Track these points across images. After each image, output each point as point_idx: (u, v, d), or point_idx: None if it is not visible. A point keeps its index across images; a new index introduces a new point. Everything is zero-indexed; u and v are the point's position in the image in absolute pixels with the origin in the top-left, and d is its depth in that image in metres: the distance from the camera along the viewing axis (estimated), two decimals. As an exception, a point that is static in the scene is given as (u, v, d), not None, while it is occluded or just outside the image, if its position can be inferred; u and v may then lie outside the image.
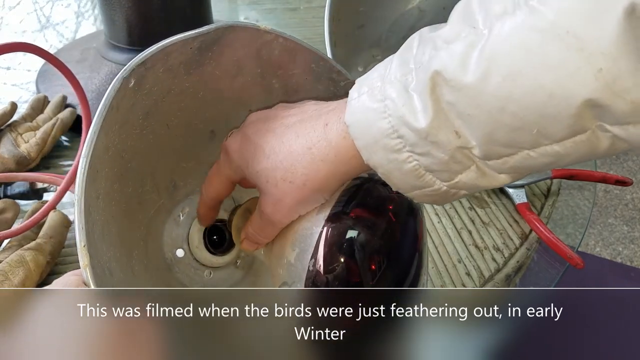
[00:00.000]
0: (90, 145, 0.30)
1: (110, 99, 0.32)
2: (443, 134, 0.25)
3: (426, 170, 0.27)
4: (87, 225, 0.29)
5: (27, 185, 0.55)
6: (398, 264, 0.32)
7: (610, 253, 1.61)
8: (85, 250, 0.28)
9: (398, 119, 0.26)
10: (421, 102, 0.25)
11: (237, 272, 0.44)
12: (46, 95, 0.67)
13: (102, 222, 0.32)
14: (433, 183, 0.27)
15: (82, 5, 1.04)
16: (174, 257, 0.41)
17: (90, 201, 0.30)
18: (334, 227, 0.31)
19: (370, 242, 0.31)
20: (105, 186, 0.33)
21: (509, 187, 0.59)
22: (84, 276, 0.28)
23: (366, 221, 0.32)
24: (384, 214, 0.32)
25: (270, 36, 0.38)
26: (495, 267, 0.52)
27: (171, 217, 0.41)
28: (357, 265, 0.31)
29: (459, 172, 0.27)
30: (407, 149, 0.27)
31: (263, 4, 1.07)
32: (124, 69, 0.32)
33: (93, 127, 0.31)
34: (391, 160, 0.27)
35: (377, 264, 0.31)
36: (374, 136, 0.27)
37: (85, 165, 0.30)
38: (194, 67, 0.37)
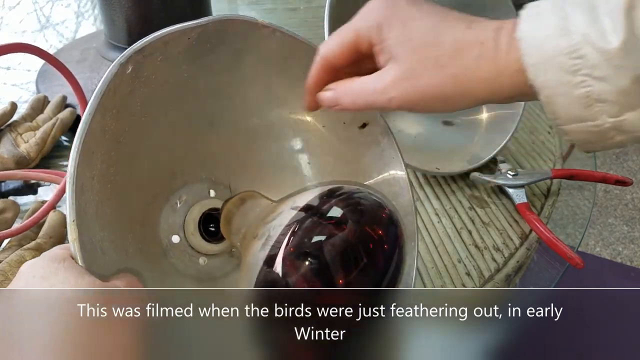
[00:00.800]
0: (85, 125, 0.31)
1: (107, 83, 0.32)
2: (632, 58, 0.24)
3: (597, 99, 0.26)
4: (79, 202, 0.30)
5: (21, 180, 0.55)
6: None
7: (610, 253, 1.61)
8: (75, 225, 0.29)
9: (582, 37, 0.25)
10: (612, 22, 0.25)
11: (231, 260, 0.44)
12: (46, 95, 0.67)
13: (97, 202, 0.33)
14: (598, 117, 0.26)
15: (82, 5, 1.04)
16: (170, 243, 0.41)
17: (83, 180, 0.31)
18: (267, 271, 0.31)
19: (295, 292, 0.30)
20: (101, 168, 0.34)
21: (509, 187, 0.59)
22: (72, 249, 0.29)
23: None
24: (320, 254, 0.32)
25: (268, 30, 0.39)
26: (495, 267, 0.52)
27: (168, 203, 0.42)
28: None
29: (631, 108, 0.25)
30: (583, 71, 0.25)
31: (263, 4, 1.07)
32: (121, 54, 0.33)
33: (89, 108, 0.32)
34: (562, 82, 0.26)
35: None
36: (549, 54, 0.26)
37: (79, 145, 0.31)
38: (193, 57, 0.38)
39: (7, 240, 0.49)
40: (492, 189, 0.61)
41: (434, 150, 0.63)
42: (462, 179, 0.62)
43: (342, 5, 0.56)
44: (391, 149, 0.43)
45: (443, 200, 0.60)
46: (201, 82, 0.40)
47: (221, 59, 0.39)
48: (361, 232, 0.31)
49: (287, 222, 0.32)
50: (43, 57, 0.60)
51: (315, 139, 0.45)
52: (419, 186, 0.62)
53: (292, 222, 0.32)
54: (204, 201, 0.43)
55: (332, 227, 0.31)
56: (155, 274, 0.38)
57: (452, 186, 0.62)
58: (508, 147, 0.67)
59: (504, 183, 0.59)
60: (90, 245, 0.31)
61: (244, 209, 0.40)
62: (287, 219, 0.33)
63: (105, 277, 0.30)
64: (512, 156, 0.67)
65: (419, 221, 0.57)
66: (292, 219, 0.32)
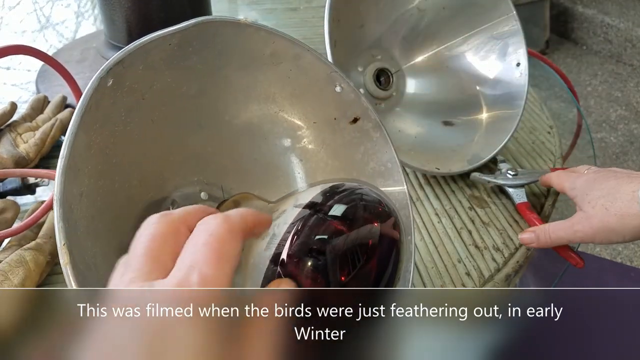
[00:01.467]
0: (68, 145, 0.31)
1: (87, 99, 0.32)
2: None
3: None
4: (67, 225, 0.29)
5: (19, 181, 0.55)
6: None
7: (610, 253, 1.60)
8: (66, 249, 0.29)
9: None
10: None
11: None
12: (46, 95, 0.67)
13: (87, 218, 0.33)
14: None
15: (82, 5, 1.03)
16: None
17: (71, 199, 0.30)
18: (275, 270, 0.31)
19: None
20: (89, 183, 0.34)
21: (509, 187, 0.59)
22: (65, 274, 0.29)
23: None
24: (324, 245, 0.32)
25: (252, 29, 0.39)
26: (495, 267, 0.52)
27: (161, 210, 0.41)
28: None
29: None
30: None
31: (263, 4, 1.07)
32: (101, 68, 0.33)
33: (71, 127, 0.31)
34: None
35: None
36: None
37: (63, 166, 0.30)
38: (175, 62, 0.37)
39: (7, 240, 0.49)
40: (492, 189, 0.61)
41: (434, 150, 0.63)
42: (462, 179, 0.62)
43: (342, 5, 0.56)
44: (384, 143, 0.43)
45: (443, 200, 0.60)
46: (186, 85, 0.39)
47: (205, 61, 0.39)
48: (364, 229, 0.32)
49: (292, 220, 0.32)
50: (41, 58, 0.60)
51: (306, 136, 0.45)
52: (419, 186, 0.62)
53: (297, 219, 0.32)
54: (197, 204, 0.43)
55: (338, 223, 0.31)
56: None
57: (452, 186, 0.62)
58: (508, 147, 0.67)
59: (504, 183, 0.59)
60: (84, 265, 0.30)
61: None
62: (291, 217, 0.33)
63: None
64: (512, 156, 0.67)
65: (419, 221, 0.57)
66: (297, 216, 0.32)
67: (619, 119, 2.08)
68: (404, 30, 0.68)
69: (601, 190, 0.47)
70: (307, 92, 0.44)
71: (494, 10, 0.65)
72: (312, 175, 0.45)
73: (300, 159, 0.45)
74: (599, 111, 2.12)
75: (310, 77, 0.43)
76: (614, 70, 2.35)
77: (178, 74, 0.38)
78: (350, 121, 0.44)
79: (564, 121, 1.01)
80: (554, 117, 0.76)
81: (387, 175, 0.43)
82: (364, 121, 0.43)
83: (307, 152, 0.45)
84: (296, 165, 0.46)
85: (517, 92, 0.64)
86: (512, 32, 0.65)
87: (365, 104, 0.43)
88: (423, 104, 0.68)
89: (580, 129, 0.85)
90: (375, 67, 0.66)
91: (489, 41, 0.67)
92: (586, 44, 2.49)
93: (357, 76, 0.65)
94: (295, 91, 0.44)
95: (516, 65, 0.65)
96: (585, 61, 2.42)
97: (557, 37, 2.53)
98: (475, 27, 0.67)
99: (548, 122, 0.74)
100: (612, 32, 2.37)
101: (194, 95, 0.40)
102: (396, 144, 0.44)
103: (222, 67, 0.40)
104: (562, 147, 0.71)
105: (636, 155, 1.95)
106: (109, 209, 0.36)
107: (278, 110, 0.44)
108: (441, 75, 0.69)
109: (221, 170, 0.44)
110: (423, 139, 0.65)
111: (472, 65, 0.68)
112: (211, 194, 0.43)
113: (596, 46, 2.45)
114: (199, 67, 0.39)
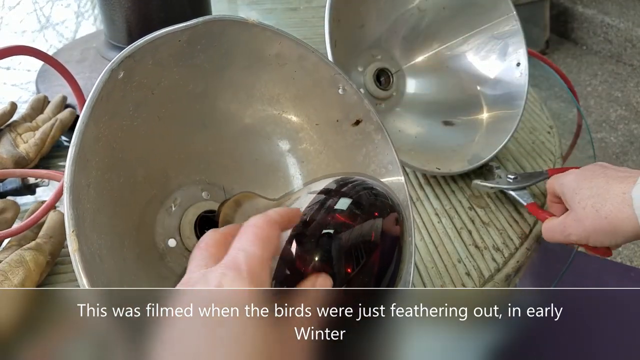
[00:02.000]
0: (79, 134, 0.31)
1: (99, 90, 0.32)
2: None
3: None
4: (77, 212, 0.30)
5: (19, 181, 0.55)
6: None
7: (610, 253, 1.60)
8: (74, 236, 0.29)
9: None
10: None
11: None
12: (46, 95, 0.67)
13: (93, 211, 0.33)
14: None
15: (82, 5, 1.03)
16: (166, 247, 0.41)
17: (80, 189, 0.31)
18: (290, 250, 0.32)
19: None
20: (96, 176, 0.34)
21: (512, 190, 0.58)
22: (72, 261, 0.29)
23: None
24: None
25: (258, 29, 0.39)
26: (495, 267, 0.52)
27: (163, 207, 0.41)
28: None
29: None
30: None
31: (263, 4, 1.07)
32: (112, 60, 0.33)
33: (82, 117, 0.32)
34: None
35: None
36: None
37: (75, 154, 0.31)
38: (183, 59, 0.38)
39: (7, 240, 0.49)
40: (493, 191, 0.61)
41: (434, 150, 0.63)
42: (462, 179, 0.62)
43: (342, 5, 0.56)
44: (385, 145, 0.43)
45: (443, 200, 0.60)
46: (193, 84, 0.40)
47: (212, 60, 0.39)
48: (368, 223, 0.32)
49: (309, 204, 0.33)
50: (41, 58, 0.60)
51: (308, 137, 0.45)
52: (419, 186, 0.62)
53: (313, 203, 0.33)
54: (199, 203, 0.43)
55: (346, 216, 0.32)
56: (152, 279, 0.38)
57: (452, 186, 0.62)
58: (508, 147, 0.67)
59: (507, 187, 0.58)
60: (90, 254, 0.30)
61: (242, 210, 0.40)
62: (307, 202, 0.33)
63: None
64: (512, 156, 0.67)
65: (419, 221, 0.57)
66: (313, 200, 0.33)
67: (619, 119, 2.07)
68: (404, 30, 0.68)
69: (590, 189, 0.45)
70: (311, 94, 0.44)
71: (494, 10, 0.65)
72: (313, 175, 0.45)
73: (302, 160, 0.45)
74: (599, 111, 2.12)
75: (314, 78, 0.43)
76: (614, 70, 2.35)
77: (185, 71, 0.38)
78: (353, 123, 0.44)
79: (564, 121, 1.01)
80: (554, 117, 0.76)
81: (387, 177, 0.43)
82: (366, 123, 0.43)
83: (309, 154, 0.45)
84: (298, 166, 0.46)
85: (517, 92, 0.64)
86: (512, 32, 0.65)
87: (367, 106, 0.43)
88: (423, 104, 0.68)
89: (580, 129, 0.85)
90: (376, 67, 0.66)
91: (489, 41, 0.67)
92: (586, 44, 2.49)
93: (357, 76, 0.65)
94: (299, 92, 0.44)
95: (516, 65, 0.65)
96: (585, 61, 2.42)
97: (557, 37, 2.53)
98: (476, 27, 0.67)
99: (548, 122, 0.74)
100: (612, 32, 2.37)
101: (199, 94, 0.41)
102: (396, 144, 0.44)
103: (227, 67, 0.40)
104: (562, 147, 0.71)
105: (636, 155, 1.95)
106: (112, 204, 0.36)
107: (281, 111, 0.44)
108: (441, 75, 0.69)
109: (223, 170, 0.44)
110: (423, 139, 0.65)
111: (472, 65, 0.68)
112: (212, 193, 0.43)
113: (596, 46, 2.45)
114: (206, 65, 0.39)
